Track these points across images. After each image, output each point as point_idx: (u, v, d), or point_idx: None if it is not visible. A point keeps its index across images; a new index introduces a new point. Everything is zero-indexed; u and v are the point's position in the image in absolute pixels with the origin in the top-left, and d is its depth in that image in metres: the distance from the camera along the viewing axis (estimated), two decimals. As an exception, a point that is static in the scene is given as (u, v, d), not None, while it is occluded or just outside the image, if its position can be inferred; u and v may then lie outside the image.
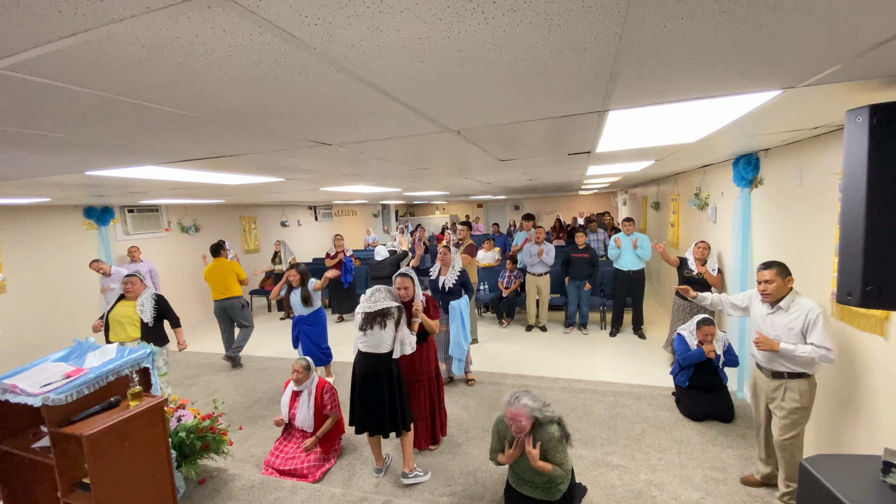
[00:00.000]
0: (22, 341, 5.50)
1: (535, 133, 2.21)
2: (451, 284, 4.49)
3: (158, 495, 2.45)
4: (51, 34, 0.81)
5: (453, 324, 4.45)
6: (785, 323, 2.50)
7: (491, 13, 0.81)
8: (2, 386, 2.31)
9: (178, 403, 3.08)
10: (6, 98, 1.17)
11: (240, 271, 5.62)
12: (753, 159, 3.80)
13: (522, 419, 2.34)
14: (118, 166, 2.54)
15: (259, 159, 2.57)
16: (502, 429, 2.58)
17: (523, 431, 2.37)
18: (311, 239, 11.89)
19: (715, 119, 2.13)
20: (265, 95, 1.26)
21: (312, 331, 4.69)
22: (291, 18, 0.79)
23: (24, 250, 5.59)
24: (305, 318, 4.67)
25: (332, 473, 3.30)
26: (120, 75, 1.04)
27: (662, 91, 1.49)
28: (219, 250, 5.64)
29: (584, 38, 0.96)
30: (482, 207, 19.60)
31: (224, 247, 5.72)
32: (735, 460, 3.17)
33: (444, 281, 4.51)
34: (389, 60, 1.03)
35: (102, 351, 2.68)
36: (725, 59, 1.17)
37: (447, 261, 4.57)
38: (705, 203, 5.17)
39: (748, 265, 3.88)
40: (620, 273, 5.97)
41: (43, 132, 1.60)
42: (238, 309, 5.59)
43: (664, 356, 5.18)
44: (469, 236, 6.22)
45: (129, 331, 3.88)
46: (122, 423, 2.28)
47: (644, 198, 9.83)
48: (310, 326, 4.68)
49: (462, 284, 4.54)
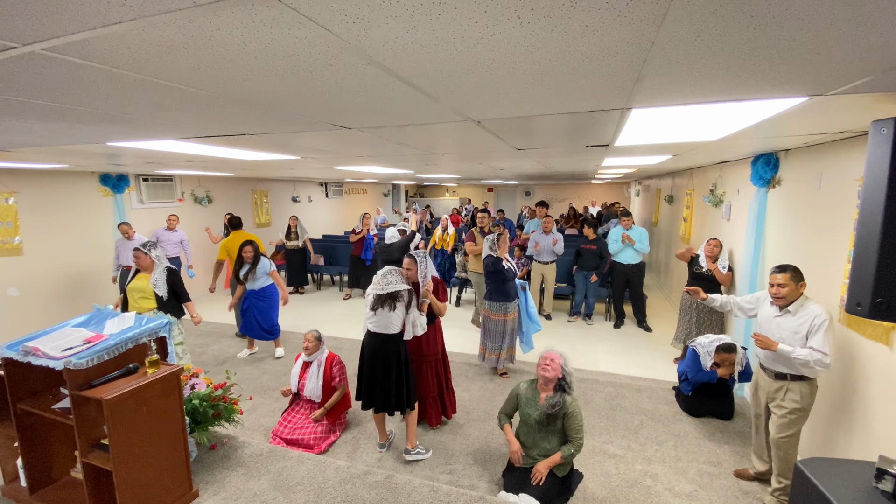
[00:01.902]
0: (37, 303, 5.67)
1: (555, 125, 2.20)
2: (514, 269, 4.42)
3: (172, 458, 2.57)
4: (96, 21, 0.83)
5: (529, 302, 4.54)
6: (791, 327, 2.52)
7: (527, 18, 0.82)
8: (24, 348, 2.40)
9: (192, 372, 3.18)
10: (42, 75, 1.20)
11: (260, 245, 5.75)
12: (773, 159, 3.76)
13: (555, 362, 2.58)
14: (140, 139, 2.58)
15: (278, 138, 2.59)
16: (523, 388, 2.77)
17: (551, 381, 2.58)
18: (321, 215, 11.94)
19: (737, 120, 2.11)
20: (294, 83, 1.28)
21: (262, 305, 4.88)
22: (331, 16, 0.80)
23: (40, 214, 5.69)
24: (256, 292, 4.83)
25: (337, 446, 3.42)
26: (156, 60, 1.06)
27: (687, 93, 1.49)
28: (239, 224, 5.80)
29: (616, 44, 0.97)
30: (493, 192, 19.50)
31: (241, 222, 5.88)
32: (730, 456, 3.24)
33: (509, 268, 4.34)
34: (421, 56, 1.05)
35: (121, 318, 2.77)
36: (754, 67, 1.17)
37: (505, 248, 4.39)
38: (720, 200, 5.12)
39: (760, 265, 3.88)
40: (618, 266, 6.04)
41: (72, 106, 1.63)
42: None
43: (667, 350, 5.22)
44: (492, 224, 6.12)
45: (147, 303, 3.98)
46: (140, 389, 2.38)
47: (658, 190, 9.72)
48: (260, 300, 4.87)
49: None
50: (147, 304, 3.97)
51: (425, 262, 3.25)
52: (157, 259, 4.05)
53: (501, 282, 4.33)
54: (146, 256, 4.01)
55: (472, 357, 5.05)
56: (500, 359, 4.50)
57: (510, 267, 4.35)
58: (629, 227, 5.97)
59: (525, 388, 2.77)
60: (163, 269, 4.04)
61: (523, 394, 2.74)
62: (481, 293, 5.92)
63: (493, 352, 4.50)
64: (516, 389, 2.80)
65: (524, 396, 2.73)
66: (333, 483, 2.75)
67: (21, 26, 0.85)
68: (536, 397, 2.67)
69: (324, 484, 2.74)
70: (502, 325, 4.42)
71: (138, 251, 4.01)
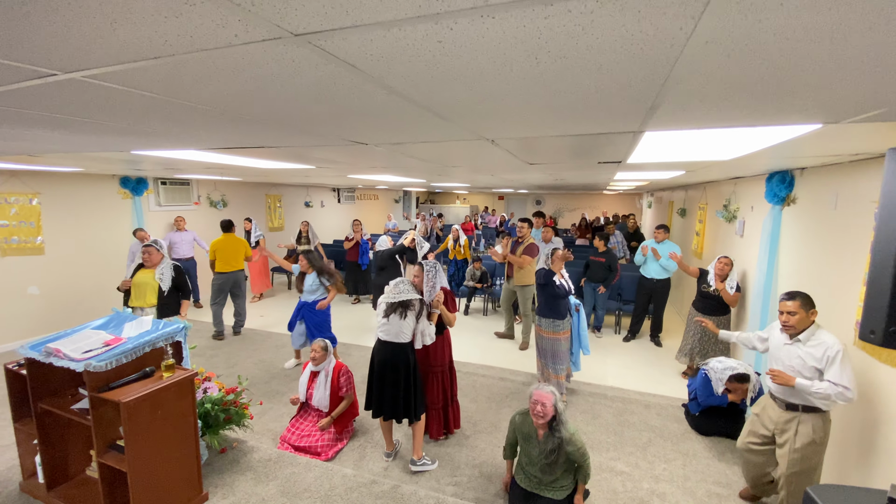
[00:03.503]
0: (57, 302, 5.81)
1: (568, 144, 2.23)
2: (571, 285, 4.15)
3: (184, 461, 2.62)
4: (136, 55, 0.88)
5: (583, 323, 4.28)
6: (801, 355, 2.44)
7: (544, 59, 0.86)
8: (46, 349, 2.47)
9: (205, 376, 3.24)
10: (80, 97, 1.27)
11: (247, 249, 5.99)
12: (788, 177, 3.73)
13: (548, 403, 2.47)
14: (163, 149, 2.66)
15: (295, 150, 2.65)
16: (518, 422, 2.70)
17: (546, 417, 2.48)
18: (332, 221, 12.07)
19: (751, 143, 2.11)
20: (316, 107, 1.32)
21: (315, 320, 4.82)
22: (358, 55, 0.84)
23: (62, 215, 5.86)
24: (310, 306, 4.82)
25: (344, 453, 3.45)
26: (189, 87, 1.11)
27: (701, 119, 1.50)
28: (230, 226, 5.95)
29: (630, 80, 0.99)
30: (503, 199, 19.52)
31: (233, 224, 6.02)
32: (740, 478, 3.19)
33: (565, 283, 4.08)
34: (439, 87, 1.08)
35: (139, 322, 2.84)
36: (767, 99, 1.18)
37: (561, 264, 4.13)
38: (733, 216, 5.08)
39: (773, 285, 3.84)
40: (644, 280, 5.87)
41: (103, 122, 1.70)
42: (241, 281, 5.96)
43: (676, 365, 5.17)
44: (530, 233, 5.84)
45: (148, 297, 4.08)
46: (156, 392, 2.43)
47: (670, 202, 9.66)
48: (313, 315, 4.80)
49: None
50: (151, 299, 4.07)
51: (434, 273, 3.22)
52: (166, 256, 4.22)
53: (552, 297, 4.07)
54: (158, 252, 4.15)
55: (477, 367, 5.05)
56: (560, 383, 4.15)
57: (563, 283, 4.06)
58: (661, 240, 5.69)
59: (520, 421, 2.70)
60: (170, 265, 4.16)
61: (519, 428, 2.69)
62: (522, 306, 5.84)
63: (556, 374, 4.16)
64: (513, 423, 2.74)
65: (521, 433, 2.68)
66: (340, 491, 2.77)
67: (64, 58, 0.91)
68: (534, 433, 2.61)
69: (331, 492, 2.77)
70: (552, 344, 4.12)
71: (150, 247, 4.14)
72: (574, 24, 0.70)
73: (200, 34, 0.74)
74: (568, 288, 4.08)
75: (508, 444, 2.81)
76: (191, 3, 0.63)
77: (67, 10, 0.67)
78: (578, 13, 0.66)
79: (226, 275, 5.81)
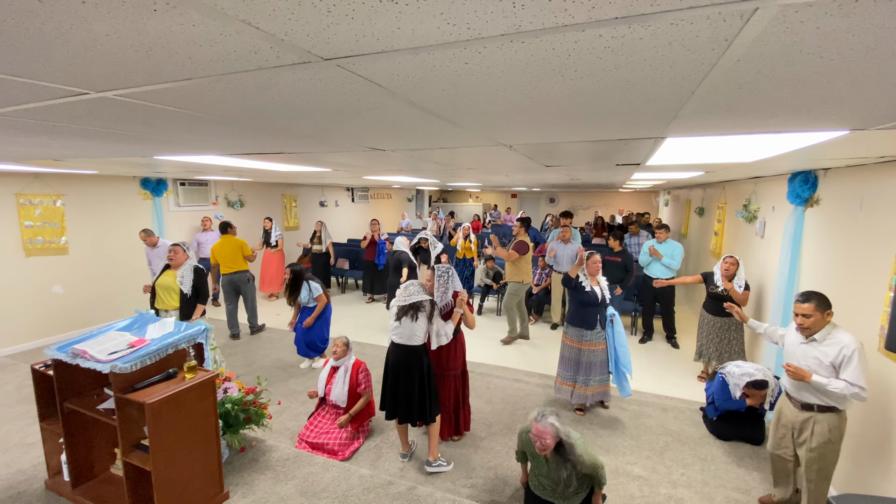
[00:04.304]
0: (81, 301, 5.97)
1: (586, 148, 2.22)
2: (608, 295, 3.86)
3: (206, 460, 2.67)
4: (169, 78, 0.90)
5: (620, 337, 3.86)
6: (817, 355, 2.44)
7: (570, 76, 0.85)
8: (73, 351, 2.54)
9: (225, 376, 3.31)
10: (110, 112, 1.30)
11: (245, 248, 5.92)
12: (811, 177, 3.64)
13: (548, 438, 2.38)
14: (185, 154, 2.71)
15: (312, 155, 2.68)
16: (525, 440, 2.65)
17: (547, 449, 2.42)
18: (347, 220, 12.15)
19: (774, 146, 2.07)
20: (337, 119, 1.34)
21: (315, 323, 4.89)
22: (385, 76, 0.85)
23: (85, 216, 6.00)
24: (311, 310, 4.88)
25: (360, 453, 3.48)
26: (218, 103, 1.14)
27: (724, 127, 1.48)
28: (227, 228, 5.96)
29: (656, 93, 0.98)
30: (516, 198, 19.42)
31: (231, 225, 6.03)
32: (760, 483, 3.15)
33: (601, 292, 3.82)
34: (462, 101, 1.09)
35: (162, 324, 2.90)
36: (795, 109, 1.16)
37: (595, 269, 3.86)
38: (754, 216, 4.99)
39: (794, 287, 3.76)
40: (649, 280, 5.85)
41: (130, 133, 1.74)
42: (245, 282, 5.92)
43: (694, 368, 5.10)
44: (523, 232, 5.96)
45: (172, 299, 4.16)
46: (179, 393, 2.48)
47: (688, 201, 9.51)
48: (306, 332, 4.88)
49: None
50: (174, 302, 4.14)
51: (446, 278, 3.18)
52: (190, 258, 4.27)
53: (580, 304, 3.84)
54: (184, 253, 4.22)
55: (491, 368, 5.06)
56: (574, 392, 3.92)
57: (593, 290, 3.79)
58: (663, 240, 5.74)
59: (527, 439, 2.63)
60: (190, 268, 4.22)
61: (527, 446, 2.64)
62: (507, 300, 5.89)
63: (565, 381, 3.97)
64: (521, 439, 2.70)
65: (529, 451, 2.64)
66: (357, 492, 2.80)
67: (98, 79, 0.93)
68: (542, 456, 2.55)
69: (348, 492, 2.80)
70: (576, 354, 3.90)
71: (178, 246, 4.19)
72: (604, 47, 0.70)
73: (233, 60, 0.76)
74: (599, 296, 3.78)
75: (519, 451, 2.80)
76: (226, 33, 0.64)
77: (106, 42, 0.69)
78: (609, 37, 0.65)
79: (227, 276, 5.83)
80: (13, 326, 5.35)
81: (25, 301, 5.43)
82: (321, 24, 0.62)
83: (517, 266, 5.75)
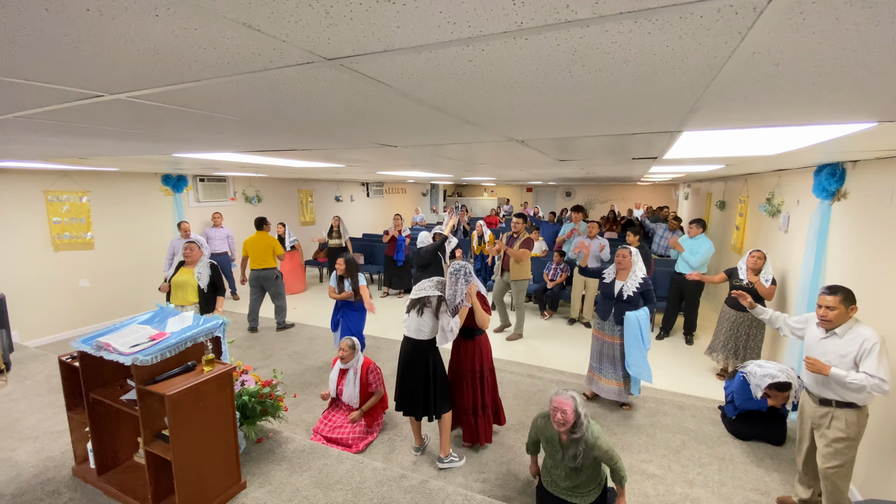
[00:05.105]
0: (105, 294, 6.16)
1: (600, 143, 2.17)
2: (630, 293, 3.82)
3: (224, 450, 2.74)
4: (178, 79, 0.91)
5: (630, 338, 3.79)
6: (837, 349, 2.40)
7: (577, 72, 0.83)
8: (97, 343, 2.62)
9: (242, 369, 3.38)
10: (124, 113, 1.32)
11: (277, 247, 6.02)
12: (838, 170, 3.51)
13: (568, 410, 2.39)
14: (201, 152, 2.76)
15: (325, 152, 2.70)
16: (540, 425, 2.66)
17: (566, 424, 2.42)
18: (362, 214, 12.24)
19: (797, 139, 2.00)
20: (348, 118, 1.34)
21: (356, 317, 4.88)
22: (389, 74, 0.85)
23: (110, 212, 6.18)
24: (350, 304, 4.87)
25: (374, 446, 3.53)
26: (227, 103, 1.15)
27: (743, 120, 1.43)
28: (262, 224, 6.05)
29: (668, 88, 0.96)
30: (531, 192, 19.25)
31: (266, 222, 6.12)
32: (780, 485, 3.08)
33: (623, 287, 3.84)
34: (470, 99, 1.08)
35: (181, 317, 2.97)
36: (818, 102, 1.11)
37: (626, 264, 3.87)
38: (777, 210, 4.84)
39: (819, 283, 3.64)
40: (676, 276, 5.68)
41: (147, 132, 1.78)
42: (272, 280, 6.00)
43: (712, 365, 5.00)
44: (525, 230, 5.87)
45: (188, 295, 4.25)
46: (198, 386, 2.55)
47: (708, 194, 9.28)
48: (354, 311, 4.86)
49: (643, 294, 3.84)
50: (191, 297, 4.23)
51: (457, 278, 3.08)
52: (205, 254, 4.35)
53: (602, 295, 3.95)
54: (199, 250, 4.30)
55: (506, 363, 5.05)
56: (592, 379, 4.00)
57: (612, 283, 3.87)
58: (694, 235, 5.49)
59: (542, 424, 2.65)
60: (206, 263, 4.30)
61: (542, 431, 2.65)
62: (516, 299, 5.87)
63: (590, 369, 4.06)
64: (535, 425, 2.71)
65: (544, 436, 2.64)
66: (371, 484, 2.84)
67: (110, 82, 0.95)
68: (556, 437, 2.55)
69: (361, 484, 2.84)
70: (598, 344, 3.99)
71: (193, 244, 4.28)
72: (611, 42, 0.68)
73: (238, 61, 0.76)
74: (617, 290, 3.82)
75: (530, 441, 2.80)
76: (228, 36, 0.64)
77: (114, 47, 0.70)
78: (616, 32, 0.63)
79: (255, 272, 5.94)
80: (43, 318, 5.57)
81: (54, 294, 5.64)
82: (321, 25, 0.61)
83: (522, 264, 5.74)
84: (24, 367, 4.51)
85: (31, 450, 3.19)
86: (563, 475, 2.55)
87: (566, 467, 2.52)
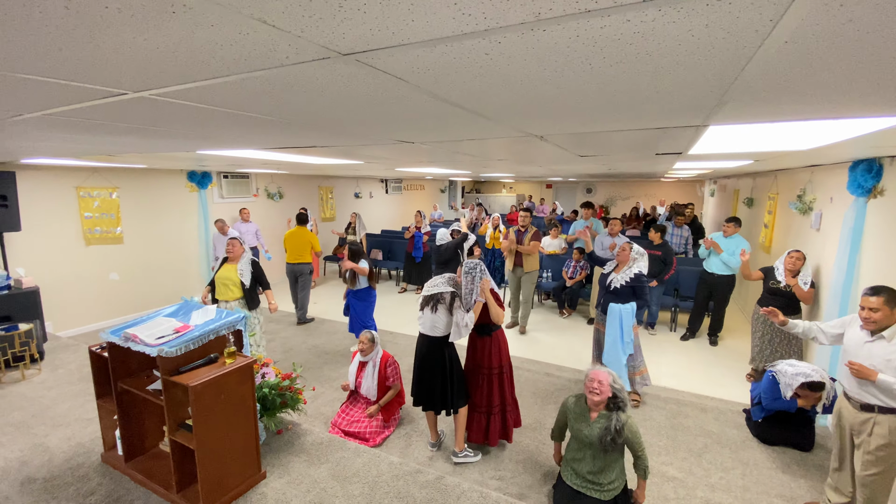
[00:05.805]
0: (134, 287, 6.37)
1: (622, 138, 2.12)
2: (617, 285, 3.89)
3: (245, 440, 2.80)
4: (195, 77, 0.92)
5: (609, 328, 3.90)
6: (884, 354, 2.29)
7: (598, 64, 0.81)
8: (125, 335, 2.71)
9: (263, 362, 3.44)
10: (148, 111, 1.35)
11: (316, 244, 6.20)
12: (875, 166, 3.35)
13: (604, 384, 2.43)
14: (223, 149, 2.81)
15: (344, 149, 2.71)
16: (570, 404, 2.69)
17: (602, 395, 2.45)
18: (381, 211, 12.32)
19: (831, 133, 1.91)
20: (364, 113, 1.34)
21: (359, 305, 4.94)
22: (405, 69, 0.84)
23: (137, 207, 6.38)
24: (354, 292, 4.93)
25: (391, 440, 3.55)
26: (246, 100, 1.16)
27: (773, 113, 1.37)
28: (305, 219, 6.22)
29: (695, 79, 0.92)
30: (551, 188, 19.02)
31: (308, 218, 6.30)
32: (807, 492, 2.97)
33: (612, 279, 3.93)
34: (487, 94, 1.06)
35: (204, 311, 3.04)
36: (853, 93, 1.06)
37: (624, 258, 3.94)
38: (809, 207, 4.65)
39: (853, 284, 3.49)
40: (706, 275, 5.51)
41: (169, 129, 1.82)
42: (306, 273, 6.23)
43: (738, 367, 4.86)
44: (531, 222, 5.98)
45: (233, 291, 4.35)
46: (220, 377, 2.61)
47: (735, 191, 9.00)
48: (357, 301, 4.93)
49: (633, 289, 3.87)
50: (235, 293, 4.31)
51: (472, 275, 3.06)
52: (247, 251, 4.45)
53: (599, 285, 4.08)
54: (241, 246, 4.41)
55: (522, 362, 5.01)
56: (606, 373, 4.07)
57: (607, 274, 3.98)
58: (729, 234, 5.31)
59: (573, 403, 2.69)
60: (248, 260, 4.40)
61: (572, 409, 2.68)
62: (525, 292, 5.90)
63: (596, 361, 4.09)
64: (565, 405, 2.75)
65: (573, 412, 2.66)
66: (387, 478, 2.86)
67: (132, 80, 0.97)
68: (587, 414, 2.59)
69: (378, 478, 2.86)
70: (597, 335, 4.12)
71: (235, 240, 4.39)
72: (633, 32, 0.65)
73: (255, 58, 0.77)
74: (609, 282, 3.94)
75: (557, 426, 2.82)
76: (243, 33, 0.65)
77: (134, 44, 0.71)
78: (639, 21, 0.61)
79: (291, 265, 6.13)
80: (75, 310, 5.79)
81: (86, 287, 5.85)
82: (335, 20, 0.61)
83: (532, 256, 5.90)
84: (57, 357, 4.70)
85: (63, 436, 3.33)
86: (588, 457, 2.54)
87: (592, 447, 2.52)
